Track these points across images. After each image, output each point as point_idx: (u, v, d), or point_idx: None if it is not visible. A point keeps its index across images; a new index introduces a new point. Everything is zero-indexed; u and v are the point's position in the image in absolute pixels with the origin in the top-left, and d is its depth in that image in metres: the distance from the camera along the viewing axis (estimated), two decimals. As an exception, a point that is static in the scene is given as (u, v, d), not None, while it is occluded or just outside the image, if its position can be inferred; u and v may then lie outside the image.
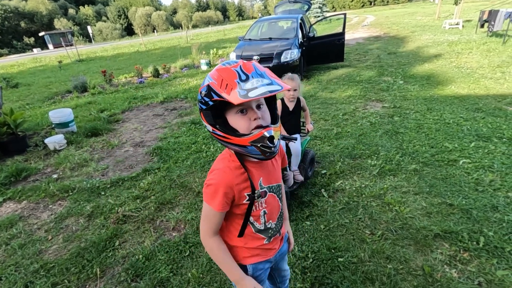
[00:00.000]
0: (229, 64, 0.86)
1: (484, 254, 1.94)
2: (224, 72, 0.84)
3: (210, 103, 0.86)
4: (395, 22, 20.60)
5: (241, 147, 0.90)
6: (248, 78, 0.81)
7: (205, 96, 0.86)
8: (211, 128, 0.91)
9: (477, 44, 8.76)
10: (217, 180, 0.94)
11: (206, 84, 0.86)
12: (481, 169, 2.90)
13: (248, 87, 0.79)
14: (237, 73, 0.82)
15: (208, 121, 0.91)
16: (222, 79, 0.83)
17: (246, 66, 0.84)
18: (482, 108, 4.40)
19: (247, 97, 0.77)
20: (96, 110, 6.15)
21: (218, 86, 0.83)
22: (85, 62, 17.00)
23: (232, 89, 0.80)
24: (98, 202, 2.96)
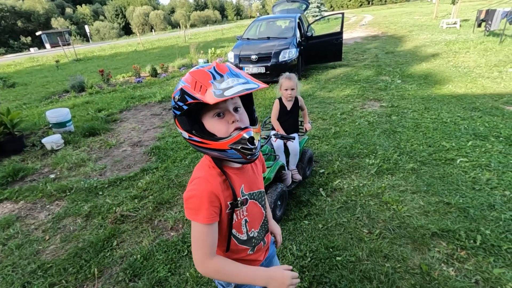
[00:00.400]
0: (202, 67, 0.83)
1: (481, 253, 1.95)
2: (197, 74, 0.81)
3: (185, 107, 0.82)
4: (393, 21, 20.65)
5: (221, 152, 0.85)
6: (222, 77, 0.79)
7: (179, 101, 0.82)
8: (187, 134, 0.86)
9: (474, 44, 8.80)
10: (199, 189, 0.86)
11: (179, 88, 0.82)
12: (478, 168, 2.92)
13: (224, 87, 0.76)
14: (211, 74, 0.80)
15: (184, 128, 0.86)
16: (195, 81, 0.80)
17: (220, 67, 0.82)
18: (479, 107, 4.42)
19: (223, 96, 0.74)
20: (94, 109, 6.13)
21: (192, 89, 0.79)
22: (82, 61, 16.92)
23: (206, 89, 0.77)
24: (96, 202, 2.95)
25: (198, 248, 0.87)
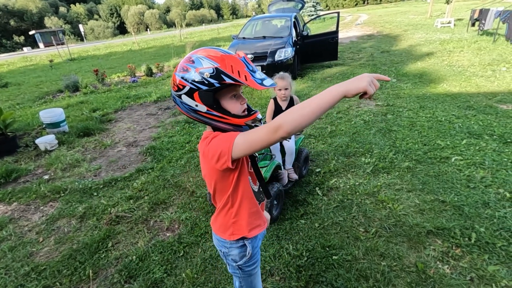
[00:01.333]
0: (227, 53, 0.93)
1: (476, 250, 1.97)
2: (231, 60, 0.91)
3: (217, 85, 0.91)
4: (388, 20, 20.75)
5: (236, 126, 0.98)
6: (253, 69, 0.92)
7: (211, 78, 0.90)
8: (206, 108, 0.95)
9: (468, 43, 8.88)
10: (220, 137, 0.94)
11: (213, 67, 0.90)
12: (472, 166, 2.94)
13: (259, 77, 0.91)
14: (244, 63, 0.92)
15: (205, 102, 0.94)
16: (231, 65, 0.90)
17: (247, 58, 0.95)
18: (473, 105, 4.45)
19: (263, 85, 0.89)
20: (88, 109, 6.07)
21: (230, 71, 0.89)
22: (76, 61, 16.75)
23: (247, 76, 0.89)
24: (91, 203, 2.92)
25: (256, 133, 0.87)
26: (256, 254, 1.22)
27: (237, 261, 1.19)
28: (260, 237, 1.24)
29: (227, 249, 1.18)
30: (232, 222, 1.13)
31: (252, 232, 1.15)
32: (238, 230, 1.14)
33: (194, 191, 2.96)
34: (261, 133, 0.85)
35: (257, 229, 1.17)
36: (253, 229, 1.16)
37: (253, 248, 1.19)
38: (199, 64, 0.92)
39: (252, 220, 1.15)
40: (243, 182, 1.07)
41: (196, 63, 0.93)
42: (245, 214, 1.13)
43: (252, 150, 0.90)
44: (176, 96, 0.99)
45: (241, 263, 1.19)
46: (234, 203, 1.10)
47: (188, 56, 0.97)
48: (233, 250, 1.18)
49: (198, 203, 2.76)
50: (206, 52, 0.94)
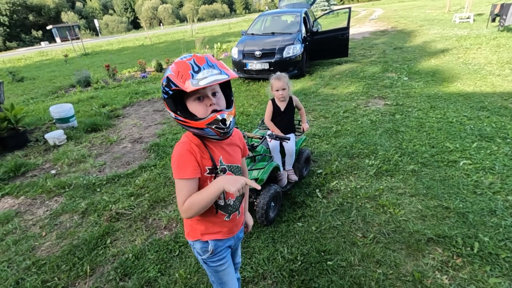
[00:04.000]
0: (185, 58, 1.00)
1: (478, 261, 1.89)
2: (179, 65, 0.97)
3: (170, 92, 0.99)
4: (403, 15, 20.13)
5: (199, 129, 1.04)
6: (200, 69, 0.95)
7: (165, 87, 0.99)
8: (174, 114, 1.04)
9: (487, 39, 8.50)
10: (181, 151, 1.06)
11: (166, 76, 0.99)
12: (481, 171, 2.82)
13: (200, 77, 0.94)
14: (190, 65, 0.96)
15: (171, 108, 1.04)
16: (178, 71, 0.96)
17: (199, 58, 0.98)
18: (487, 106, 4.27)
19: (198, 85, 0.92)
20: (98, 105, 6.19)
21: (175, 77, 0.96)
22: (90, 56, 17.08)
23: (186, 79, 0.94)
24: (93, 199, 2.97)
25: (178, 198, 1.04)
26: (222, 251, 1.25)
27: (201, 255, 1.25)
28: (227, 240, 1.27)
29: (192, 242, 1.25)
30: (189, 224, 1.23)
31: (205, 237, 1.20)
32: (193, 232, 1.22)
33: (193, 190, 2.96)
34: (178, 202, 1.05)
35: (213, 235, 1.21)
36: (207, 235, 1.20)
37: (218, 246, 1.23)
38: (164, 75, 1.01)
39: (208, 228, 1.20)
40: None
41: (165, 73, 1.01)
42: (200, 222, 1.19)
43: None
44: None
45: (204, 258, 1.24)
46: None
47: None
48: (196, 244, 1.24)
49: (197, 202, 2.77)
50: (175, 61, 1.01)
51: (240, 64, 6.97)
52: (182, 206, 1.03)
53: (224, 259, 1.27)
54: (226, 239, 1.25)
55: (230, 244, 1.29)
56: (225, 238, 1.24)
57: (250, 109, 5.21)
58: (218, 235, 1.22)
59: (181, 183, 1.04)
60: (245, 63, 6.85)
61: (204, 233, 1.20)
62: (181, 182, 1.04)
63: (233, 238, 1.30)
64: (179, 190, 1.04)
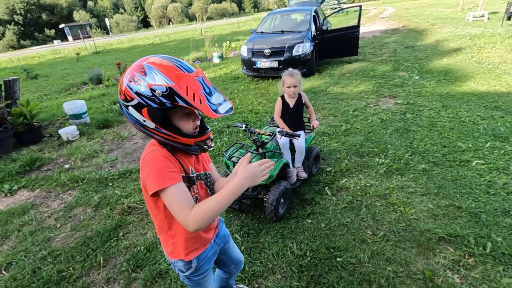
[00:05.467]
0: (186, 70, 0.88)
1: (490, 261, 1.87)
2: (187, 80, 0.86)
3: (168, 105, 0.87)
4: (415, 14, 19.79)
5: (184, 145, 0.97)
6: (210, 92, 0.89)
7: (163, 97, 0.86)
8: (154, 125, 0.91)
9: (502, 38, 8.29)
10: (156, 158, 0.93)
11: (166, 86, 0.85)
12: (495, 171, 2.78)
13: (215, 102, 0.88)
14: (200, 84, 0.87)
15: (154, 119, 0.90)
16: (186, 86, 0.85)
17: (206, 78, 0.91)
18: (501, 106, 4.18)
19: (219, 113, 0.87)
20: (109, 102, 6.29)
21: (184, 93, 0.85)
22: (101, 54, 17.36)
23: (202, 101, 0.85)
24: (106, 193, 3.04)
25: (176, 209, 0.90)
26: (204, 265, 1.19)
27: (184, 272, 1.17)
28: (208, 250, 1.20)
29: (173, 261, 1.16)
30: (171, 243, 1.11)
31: (189, 255, 1.13)
32: (176, 252, 1.12)
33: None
34: (177, 213, 0.90)
35: (195, 252, 1.14)
36: (190, 253, 1.13)
37: (200, 260, 1.16)
38: (151, 79, 0.85)
39: (190, 245, 1.12)
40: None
41: (148, 76, 0.86)
42: (182, 239, 1.09)
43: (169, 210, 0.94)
44: (123, 105, 0.92)
45: (187, 274, 1.17)
46: (170, 226, 1.06)
47: (139, 63, 0.89)
48: (178, 262, 1.15)
49: (207, 197, 2.80)
50: (161, 65, 0.87)
51: (249, 62, 6.99)
52: (187, 216, 0.88)
53: (207, 272, 1.22)
54: (206, 250, 1.18)
55: (213, 252, 1.23)
56: (205, 250, 1.18)
57: (259, 107, 5.22)
58: (199, 250, 1.15)
59: (172, 190, 0.90)
60: (254, 61, 6.87)
61: (187, 252, 1.12)
62: (171, 189, 0.90)
63: (212, 245, 1.23)
64: (173, 199, 0.89)
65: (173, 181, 0.91)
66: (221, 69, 8.96)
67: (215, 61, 10.44)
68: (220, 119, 4.76)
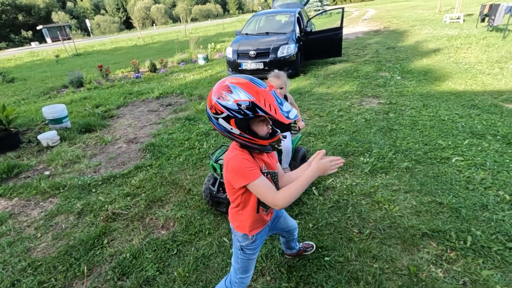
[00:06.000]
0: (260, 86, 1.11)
1: (471, 254, 1.94)
2: (264, 94, 1.09)
3: (251, 115, 1.10)
4: (396, 15, 20.37)
5: (261, 146, 1.19)
6: (281, 102, 1.11)
7: (247, 109, 1.09)
8: (239, 131, 1.15)
9: (477, 39, 8.66)
10: (238, 161, 1.19)
11: (249, 100, 1.08)
12: (473, 167, 2.89)
13: (286, 110, 1.10)
14: (274, 97, 1.10)
15: (239, 127, 1.14)
16: (264, 99, 1.08)
17: (277, 92, 1.14)
18: (478, 104, 4.36)
19: (290, 118, 1.09)
20: (91, 105, 6.12)
21: (263, 105, 1.08)
22: (82, 56, 16.88)
23: (276, 110, 1.08)
24: (89, 199, 2.95)
25: (265, 194, 1.17)
26: (258, 240, 1.44)
27: (241, 242, 1.41)
28: (264, 230, 1.46)
29: (237, 232, 1.42)
30: (239, 220, 1.38)
31: (252, 232, 1.39)
32: (242, 228, 1.38)
33: (190, 189, 2.97)
34: (267, 197, 1.17)
35: (257, 229, 1.40)
36: (253, 230, 1.39)
37: (258, 235, 1.42)
38: (237, 95, 1.09)
39: (254, 224, 1.38)
40: (252, 198, 1.28)
41: (234, 93, 1.09)
42: (249, 220, 1.36)
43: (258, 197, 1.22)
44: (213, 117, 1.18)
45: (243, 244, 1.41)
46: (243, 208, 1.34)
47: (224, 83, 1.13)
48: (238, 234, 1.41)
49: (194, 201, 2.77)
50: (241, 83, 1.10)
51: (234, 64, 6.98)
52: (276, 198, 1.15)
53: (258, 248, 1.47)
54: (264, 228, 1.45)
55: (265, 232, 1.50)
56: (263, 228, 1.44)
57: (246, 108, 5.21)
58: (260, 228, 1.41)
59: (258, 183, 1.17)
60: (240, 63, 6.87)
61: (251, 230, 1.38)
62: (257, 182, 1.17)
63: (268, 225, 1.49)
64: (262, 189, 1.17)
65: (255, 177, 1.17)
66: (207, 71, 8.91)
67: (200, 62, 10.36)
68: (207, 122, 4.73)
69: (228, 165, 1.22)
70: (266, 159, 1.31)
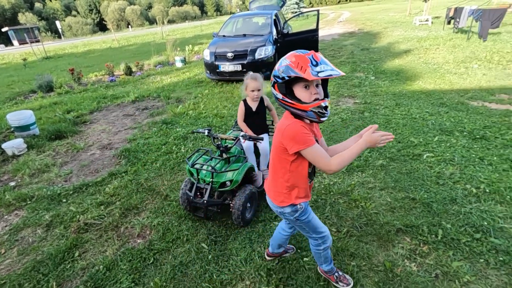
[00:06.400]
0: (303, 53, 1.21)
1: (442, 247, 2.02)
2: (299, 58, 1.20)
3: (286, 78, 1.22)
4: (369, 18, 21.07)
5: (302, 111, 1.26)
6: (317, 64, 1.17)
7: (283, 73, 1.23)
8: (282, 96, 1.28)
9: (444, 40, 9.13)
10: (296, 127, 1.28)
11: (285, 65, 1.22)
12: (443, 163, 3.02)
13: (318, 70, 1.16)
14: (309, 59, 1.18)
15: (280, 91, 1.28)
16: (298, 62, 1.19)
17: (316, 55, 1.19)
18: (446, 102, 4.58)
19: (317, 76, 1.15)
20: (62, 111, 5.85)
21: (295, 67, 1.18)
22: (52, 59, 16.11)
23: (306, 70, 1.16)
24: (59, 210, 2.80)
25: (320, 160, 1.28)
26: (308, 208, 1.55)
27: (293, 215, 1.50)
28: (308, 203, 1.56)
29: (282, 209, 1.51)
30: (284, 193, 1.46)
31: (298, 200, 1.47)
32: (287, 200, 1.46)
33: (168, 195, 2.89)
34: (321, 162, 1.28)
35: (303, 199, 1.49)
36: (299, 199, 1.47)
37: (305, 204, 1.51)
38: (280, 64, 1.26)
39: (299, 194, 1.47)
40: (301, 166, 1.38)
41: (280, 63, 1.26)
42: (295, 190, 1.45)
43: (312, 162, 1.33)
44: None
45: (297, 215, 1.50)
46: (289, 179, 1.42)
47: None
48: (286, 209, 1.50)
49: (172, 207, 2.70)
50: (290, 54, 1.23)
51: (212, 66, 6.92)
52: (329, 164, 1.26)
53: (310, 210, 1.57)
54: (307, 202, 1.54)
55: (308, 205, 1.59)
56: (307, 202, 1.54)
57: (224, 110, 5.18)
58: (306, 199, 1.50)
59: (313, 149, 1.27)
60: (218, 65, 6.82)
61: (297, 197, 1.46)
62: (312, 149, 1.27)
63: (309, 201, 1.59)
64: (315, 155, 1.28)
65: (311, 143, 1.27)
66: (184, 73, 8.77)
67: (177, 65, 10.19)
68: (184, 125, 4.64)
69: (284, 132, 1.30)
70: (315, 130, 1.40)
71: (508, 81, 5.29)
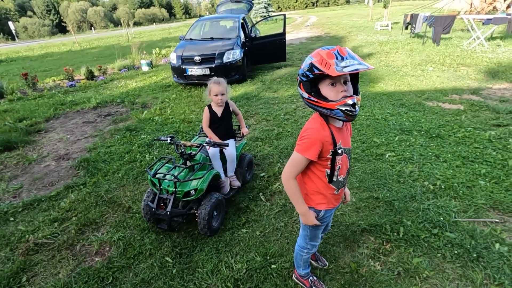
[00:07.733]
0: (328, 49, 1.14)
1: (403, 244, 2.08)
2: (324, 54, 1.12)
3: (311, 76, 1.18)
4: (335, 22, 21.88)
5: (329, 110, 1.20)
6: (343, 59, 1.09)
7: (307, 71, 1.18)
8: (307, 95, 1.23)
9: (402, 44, 9.69)
10: (313, 136, 1.26)
11: (309, 62, 1.17)
12: (403, 161, 3.16)
13: (343, 65, 1.08)
14: (334, 55, 1.10)
15: (306, 90, 1.23)
16: (322, 58, 1.12)
17: (342, 50, 1.12)
18: (405, 103, 4.83)
19: (342, 71, 1.07)
20: (13, 119, 5.36)
21: (319, 64, 1.12)
22: (4, 63, 14.85)
23: (330, 66, 1.08)
24: (5, 230, 2.53)
25: (292, 168, 1.32)
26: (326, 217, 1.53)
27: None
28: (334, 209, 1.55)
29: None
30: (304, 193, 1.45)
31: (319, 206, 1.45)
32: (307, 201, 1.45)
33: (130, 207, 2.73)
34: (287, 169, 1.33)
35: (324, 205, 1.46)
36: (319, 205, 1.45)
37: (326, 212, 1.49)
38: (304, 61, 1.21)
39: (319, 199, 1.44)
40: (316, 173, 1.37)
41: (305, 61, 1.21)
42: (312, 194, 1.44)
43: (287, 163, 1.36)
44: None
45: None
46: (303, 181, 1.44)
47: None
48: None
49: (134, 219, 2.55)
50: (316, 51, 1.17)
51: (179, 70, 6.75)
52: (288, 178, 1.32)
53: (323, 225, 1.57)
54: (332, 209, 1.51)
55: (332, 213, 1.58)
56: (332, 209, 1.50)
57: (192, 115, 5.05)
58: (328, 206, 1.46)
59: (299, 158, 1.28)
60: (185, 68, 6.66)
61: (318, 203, 1.45)
62: (299, 157, 1.28)
63: (336, 208, 1.56)
64: (292, 161, 1.30)
65: (305, 153, 1.26)
66: (151, 78, 8.47)
67: (144, 69, 9.82)
68: (150, 132, 4.45)
69: (301, 132, 1.31)
70: (344, 134, 1.37)
71: (459, 82, 5.71)
